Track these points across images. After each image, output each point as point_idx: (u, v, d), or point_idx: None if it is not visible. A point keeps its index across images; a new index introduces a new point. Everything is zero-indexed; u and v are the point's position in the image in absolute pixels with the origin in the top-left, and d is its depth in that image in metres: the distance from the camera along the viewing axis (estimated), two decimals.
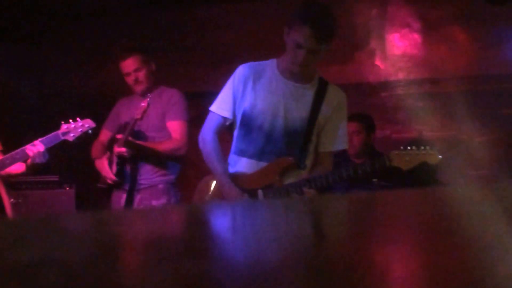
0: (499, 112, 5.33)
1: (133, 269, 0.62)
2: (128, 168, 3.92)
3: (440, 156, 2.95)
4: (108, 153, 3.97)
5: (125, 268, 0.62)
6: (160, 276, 0.55)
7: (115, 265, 0.62)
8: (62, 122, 3.74)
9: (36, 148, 3.63)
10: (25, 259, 0.63)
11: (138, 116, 3.65)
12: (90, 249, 0.71)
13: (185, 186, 4.46)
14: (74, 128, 3.74)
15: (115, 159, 3.91)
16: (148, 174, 3.92)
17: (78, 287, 0.53)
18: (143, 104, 3.65)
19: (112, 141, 4.04)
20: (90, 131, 3.79)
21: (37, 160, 3.65)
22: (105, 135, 4.18)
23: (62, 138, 3.72)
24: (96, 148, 4.11)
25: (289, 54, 2.99)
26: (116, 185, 3.97)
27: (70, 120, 3.75)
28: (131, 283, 0.55)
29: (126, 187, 3.93)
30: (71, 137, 3.72)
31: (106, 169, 3.91)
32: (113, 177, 3.88)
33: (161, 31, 6.12)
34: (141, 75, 3.93)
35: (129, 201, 3.91)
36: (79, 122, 3.76)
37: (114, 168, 3.90)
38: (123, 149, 3.68)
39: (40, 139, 3.67)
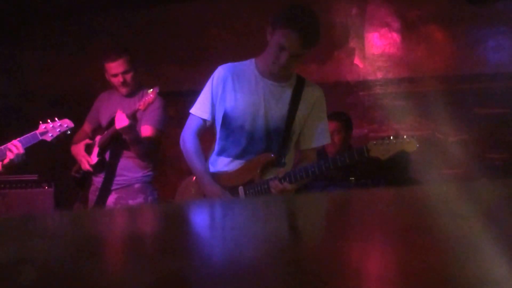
0: (475, 112, 5.38)
1: (111, 267, 0.63)
2: (107, 159, 3.90)
3: (418, 145, 2.93)
4: (87, 140, 3.96)
5: (103, 267, 0.62)
6: (138, 275, 0.55)
7: (93, 264, 0.62)
8: (40, 122, 3.71)
9: (14, 147, 3.59)
10: (3, 258, 0.63)
11: (141, 108, 3.62)
12: (68, 248, 0.71)
13: (163, 185, 4.45)
14: (52, 128, 3.69)
15: (95, 150, 3.89)
16: (125, 173, 3.91)
17: (56, 286, 0.53)
18: (151, 95, 3.60)
19: (95, 132, 4.02)
20: (69, 131, 3.76)
21: (15, 160, 3.61)
22: (87, 127, 4.17)
23: (40, 138, 3.67)
24: (78, 136, 4.09)
25: (270, 54, 2.99)
26: (90, 178, 3.96)
27: (48, 120, 3.71)
28: (109, 282, 0.55)
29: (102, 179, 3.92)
30: (49, 137, 3.68)
31: (83, 153, 3.90)
32: (91, 161, 3.87)
33: (139, 29, 6.09)
34: (129, 77, 3.91)
35: (104, 192, 3.89)
36: (57, 122, 3.72)
37: (94, 158, 3.89)
38: (126, 122, 3.61)
39: (18, 139, 3.63)
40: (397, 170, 3.27)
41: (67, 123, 3.74)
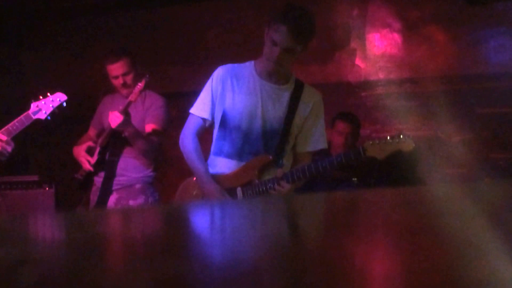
0: (478, 111, 5.38)
1: (111, 269, 0.62)
2: (107, 158, 3.91)
3: (414, 144, 2.95)
4: (89, 143, 3.95)
5: (104, 268, 0.62)
6: (138, 276, 0.55)
7: (94, 265, 0.61)
8: (32, 100, 3.59)
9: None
10: (3, 258, 0.63)
11: (133, 99, 3.64)
12: (68, 250, 0.71)
13: (164, 186, 4.45)
14: (45, 104, 3.59)
15: (97, 150, 3.90)
16: (126, 173, 3.91)
17: (56, 287, 0.53)
18: (140, 84, 3.64)
19: (100, 136, 4.03)
20: (64, 104, 3.67)
21: (3, 155, 3.49)
22: (92, 131, 4.17)
23: (34, 117, 3.56)
24: (83, 140, 4.09)
25: (265, 51, 3.03)
26: (92, 180, 3.97)
27: (40, 97, 3.61)
28: (109, 283, 0.55)
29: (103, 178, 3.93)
30: (43, 114, 3.56)
31: (83, 153, 3.90)
32: (92, 160, 3.87)
33: (141, 31, 6.10)
34: (129, 78, 3.92)
35: (105, 191, 3.89)
36: (49, 97, 3.63)
37: (95, 157, 3.89)
38: (121, 118, 3.62)
39: (7, 126, 3.49)
40: (400, 170, 3.27)
41: (59, 97, 3.66)
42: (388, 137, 2.97)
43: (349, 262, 0.64)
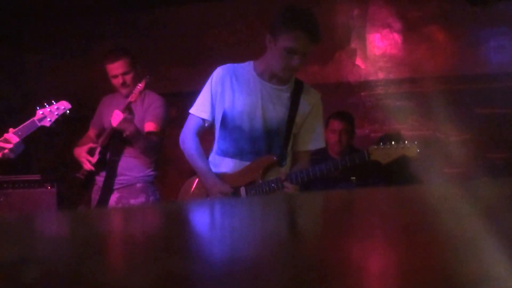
0: (477, 112, 5.37)
1: (112, 267, 0.63)
2: (108, 158, 3.92)
3: (419, 150, 2.97)
4: (91, 144, 3.96)
5: (105, 267, 0.63)
6: (139, 274, 0.56)
7: (95, 263, 0.62)
8: (38, 107, 3.66)
9: (10, 141, 3.54)
10: (5, 257, 0.63)
11: (133, 99, 3.65)
12: (70, 248, 0.71)
13: (165, 185, 4.45)
14: (50, 112, 3.65)
15: (97, 150, 3.91)
16: (126, 172, 3.91)
17: (58, 286, 0.53)
18: (140, 84, 3.65)
19: (100, 136, 4.04)
20: (67, 112, 3.72)
21: (12, 153, 3.54)
22: (92, 132, 4.18)
23: (39, 124, 3.63)
24: (83, 141, 4.10)
25: (277, 60, 3.00)
26: (93, 179, 3.97)
27: (45, 104, 3.68)
28: (110, 282, 0.55)
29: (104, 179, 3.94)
30: (47, 122, 3.64)
31: (84, 154, 3.90)
32: (92, 160, 3.87)
33: (141, 31, 6.09)
34: (129, 78, 3.92)
35: (106, 190, 3.90)
36: (54, 105, 3.68)
37: (96, 157, 3.90)
38: (121, 116, 3.63)
39: (14, 130, 3.57)
40: (398, 170, 3.28)
41: (64, 105, 3.72)
42: (393, 142, 3.00)
43: (348, 259, 0.64)
